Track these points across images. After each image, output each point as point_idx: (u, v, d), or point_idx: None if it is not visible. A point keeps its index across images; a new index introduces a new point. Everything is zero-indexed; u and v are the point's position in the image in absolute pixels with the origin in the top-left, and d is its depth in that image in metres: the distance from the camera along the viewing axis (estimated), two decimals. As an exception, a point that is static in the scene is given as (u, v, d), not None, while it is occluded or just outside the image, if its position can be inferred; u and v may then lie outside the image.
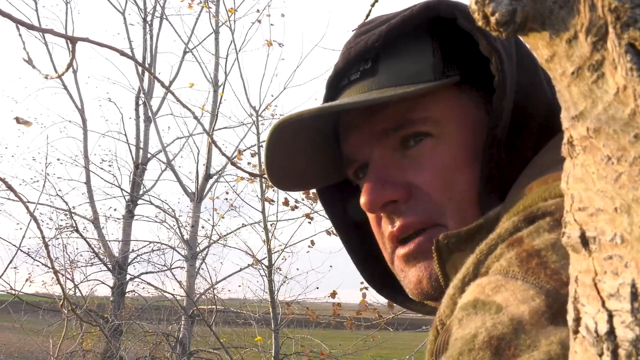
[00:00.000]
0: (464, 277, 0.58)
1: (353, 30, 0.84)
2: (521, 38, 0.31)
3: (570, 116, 0.30)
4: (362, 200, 0.75)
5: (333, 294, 7.15)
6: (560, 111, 0.32)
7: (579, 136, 0.30)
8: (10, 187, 1.83)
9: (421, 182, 0.73)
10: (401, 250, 0.75)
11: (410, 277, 0.75)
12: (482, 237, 0.62)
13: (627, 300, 0.28)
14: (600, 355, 0.29)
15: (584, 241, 0.30)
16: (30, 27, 1.20)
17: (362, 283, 6.53)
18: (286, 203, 7.08)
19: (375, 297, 6.74)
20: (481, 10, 0.30)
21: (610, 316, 0.29)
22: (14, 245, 5.96)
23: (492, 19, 0.30)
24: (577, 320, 0.32)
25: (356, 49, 0.78)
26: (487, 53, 0.72)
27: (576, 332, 0.32)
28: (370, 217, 0.80)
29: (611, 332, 0.29)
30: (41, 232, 1.94)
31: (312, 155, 0.84)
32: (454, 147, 0.74)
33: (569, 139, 0.31)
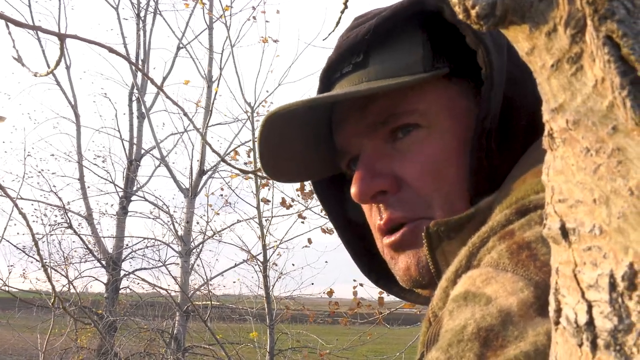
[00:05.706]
0: (456, 270, 0.59)
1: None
2: (502, 31, 0.31)
3: (550, 108, 0.30)
4: (352, 190, 0.76)
5: (330, 293, 7.11)
6: None
7: (559, 128, 0.30)
8: None
9: (408, 175, 0.74)
10: (387, 240, 0.77)
11: (399, 264, 0.76)
12: (473, 226, 0.63)
13: (605, 290, 0.28)
14: (580, 345, 0.30)
15: (564, 232, 0.31)
16: (19, 24, 1.19)
17: (355, 281, 6.53)
18: (284, 203, 7.04)
19: (368, 293, 6.75)
20: (462, 3, 0.30)
21: (590, 307, 0.29)
22: (7, 240, 5.95)
23: (473, 12, 0.30)
24: (558, 311, 0.32)
25: (348, 42, 0.78)
26: (474, 45, 0.72)
27: (557, 323, 0.32)
28: (364, 207, 0.81)
29: (590, 323, 0.29)
30: (30, 229, 1.93)
31: (306, 147, 0.85)
32: (443, 138, 0.74)
33: (549, 131, 0.31)
